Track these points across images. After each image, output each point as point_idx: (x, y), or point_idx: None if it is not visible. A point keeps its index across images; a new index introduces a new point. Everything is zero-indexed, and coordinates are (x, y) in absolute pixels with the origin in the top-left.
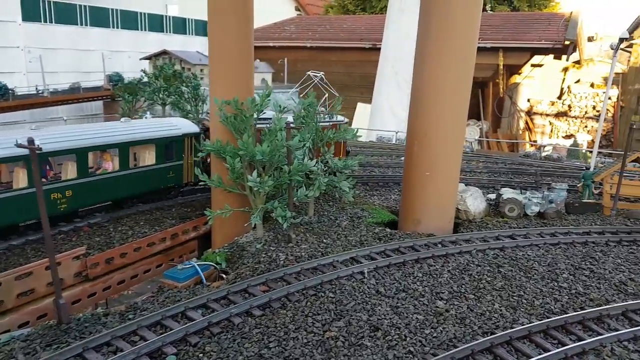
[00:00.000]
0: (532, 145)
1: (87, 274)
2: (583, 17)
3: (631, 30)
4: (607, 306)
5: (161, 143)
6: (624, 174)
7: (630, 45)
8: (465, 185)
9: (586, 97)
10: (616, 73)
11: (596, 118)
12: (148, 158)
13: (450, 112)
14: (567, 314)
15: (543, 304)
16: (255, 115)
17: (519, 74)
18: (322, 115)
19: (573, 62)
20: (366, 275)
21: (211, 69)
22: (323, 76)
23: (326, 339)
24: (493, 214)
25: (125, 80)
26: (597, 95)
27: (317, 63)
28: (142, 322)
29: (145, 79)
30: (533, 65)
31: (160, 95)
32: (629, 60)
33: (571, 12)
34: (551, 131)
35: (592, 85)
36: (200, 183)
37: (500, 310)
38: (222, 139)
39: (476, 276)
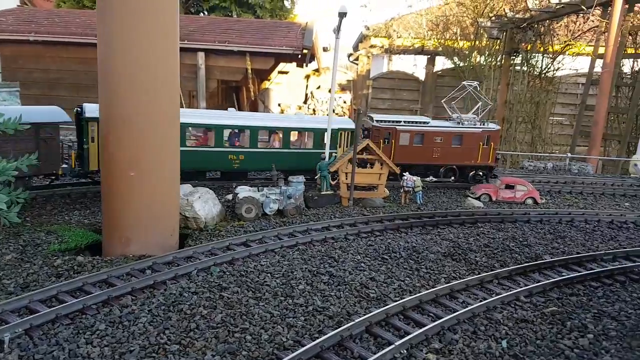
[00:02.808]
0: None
1: None
2: (317, 27)
3: (355, 46)
4: (349, 324)
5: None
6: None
7: (357, 58)
8: (194, 186)
9: (326, 102)
10: (348, 80)
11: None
12: (307, 143)
13: (154, 83)
14: (302, 346)
15: (272, 337)
16: None
17: (268, 79)
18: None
19: (313, 70)
20: (6, 347)
21: None
22: (477, 85)
23: None
24: (230, 217)
25: None
26: (335, 100)
27: (46, 59)
28: None
29: None
30: (280, 72)
31: None
32: (357, 71)
33: (306, 22)
34: None
35: (329, 90)
36: None
37: None
38: None
39: (189, 311)
